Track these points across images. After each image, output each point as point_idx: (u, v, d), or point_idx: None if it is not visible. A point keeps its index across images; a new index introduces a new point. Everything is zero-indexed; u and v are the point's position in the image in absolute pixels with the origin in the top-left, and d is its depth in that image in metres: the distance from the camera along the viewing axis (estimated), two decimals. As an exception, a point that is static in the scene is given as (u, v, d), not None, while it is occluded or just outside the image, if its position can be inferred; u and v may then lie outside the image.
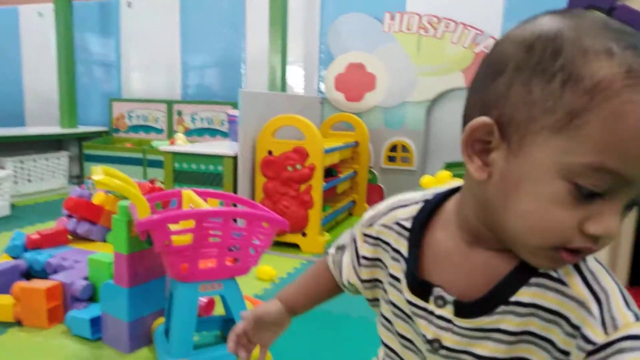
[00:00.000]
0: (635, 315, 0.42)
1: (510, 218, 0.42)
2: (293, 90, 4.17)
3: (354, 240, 0.62)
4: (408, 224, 0.54)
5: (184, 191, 1.70)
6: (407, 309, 0.53)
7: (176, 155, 3.07)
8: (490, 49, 0.46)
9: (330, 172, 3.36)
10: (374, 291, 0.61)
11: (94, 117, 5.09)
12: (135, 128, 4.82)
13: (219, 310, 1.98)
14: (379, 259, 0.58)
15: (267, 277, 2.45)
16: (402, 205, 0.57)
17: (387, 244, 0.56)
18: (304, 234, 2.93)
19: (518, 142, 0.41)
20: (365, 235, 0.59)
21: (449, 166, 3.24)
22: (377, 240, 0.57)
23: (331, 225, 3.37)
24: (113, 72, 5.01)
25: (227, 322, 1.79)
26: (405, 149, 3.84)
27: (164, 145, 3.50)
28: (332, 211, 3.27)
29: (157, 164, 4.15)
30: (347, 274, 0.64)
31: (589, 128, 0.37)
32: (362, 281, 0.61)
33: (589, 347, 0.41)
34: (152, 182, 3.81)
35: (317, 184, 2.85)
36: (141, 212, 1.45)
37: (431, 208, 0.53)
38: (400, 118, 3.83)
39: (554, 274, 0.44)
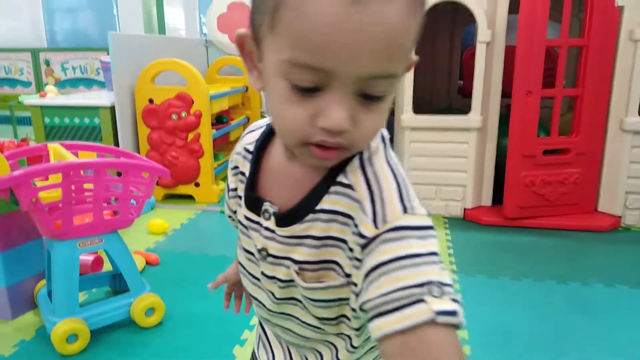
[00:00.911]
0: (405, 208, 0.44)
1: (272, 122, 0.47)
2: (178, 33, 3.94)
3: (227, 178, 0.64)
4: (251, 147, 0.57)
5: (50, 145, 1.58)
6: (246, 223, 0.56)
7: (45, 108, 2.80)
8: None
9: (220, 120, 3.28)
10: None
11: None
12: (-3, 82, 4.29)
13: (108, 267, 1.92)
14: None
15: (158, 230, 2.39)
16: (250, 130, 0.60)
17: (238, 169, 0.59)
18: (197, 184, 2.88)
19: (260, 47, 0.44)
20: (231, 168, 0.61)
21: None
22: (235, 169, 0.60)
23: (226, 174, 3.33)
24: (-40, 18, 4.35)
25: (116, 277, 1.75)
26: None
27: (31, 99, 3.17)
28: (225, 160, 3.23)
29: (28, 122, 3.77)
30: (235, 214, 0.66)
31: (282, 24, 0.39)
32: (234, 212, 0.63)
33: (362, 242, 0.44)
34: (23, 141, 3.46)
35: (206, 132, 2.78)
36: (-1, 170, 1.33)
37: (270, 129, 0.55)
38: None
39: (346, 181, 0.48)
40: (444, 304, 0.39)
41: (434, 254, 0.42)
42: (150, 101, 2.72)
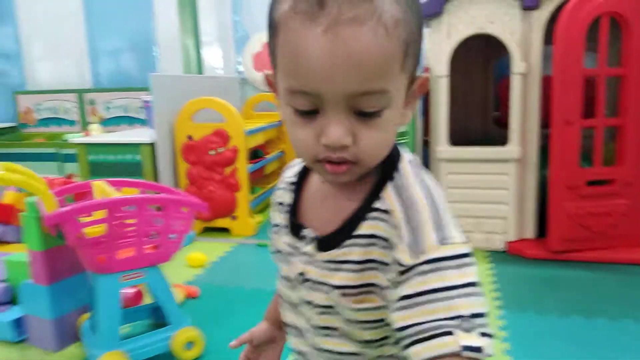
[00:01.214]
0: (441, 239, 0.46)
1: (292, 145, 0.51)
2: (214, 72, 4.07)
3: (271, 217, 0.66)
4: (293, 179, 0.61)
5: (94, 182, 1.63)
6: (286, 250, 0.59)
7: (89, 146, 2.93)
8: None
9: (256, 154, 3.34)
10: None
11: (-3, 113, 4.71)
12: (46, 121, 4.51)
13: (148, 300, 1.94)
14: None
15: (197, 263, 2.42)
16: (290, 166, 0.64)
17: (280, 203, 0.62)
18: (233, 217, 2.91)
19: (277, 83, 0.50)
20: (276, 203, 0.64)
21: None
22: (279, 205, 0.63)
23: (262, 207, 3.37)
24: (14, 63, 4.63)
25: (157, 310, 1.76)
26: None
27: (76, 137, 3.32)
28: (261, 192, 3.27)
29: (74, 159, 3.92)
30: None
31: (279, 60, 0.47)
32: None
33: (400, 269, 0.46)
34: (69, 177, 3.60)
35: (242, 166, 2.83)
36: (48, 206, 1.38)
37: None
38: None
39: (383, 207, 0.50)
40: (471, 339, 0.42)
41: (470, 284, 0.45)
42: (189, 137, 2.80)
